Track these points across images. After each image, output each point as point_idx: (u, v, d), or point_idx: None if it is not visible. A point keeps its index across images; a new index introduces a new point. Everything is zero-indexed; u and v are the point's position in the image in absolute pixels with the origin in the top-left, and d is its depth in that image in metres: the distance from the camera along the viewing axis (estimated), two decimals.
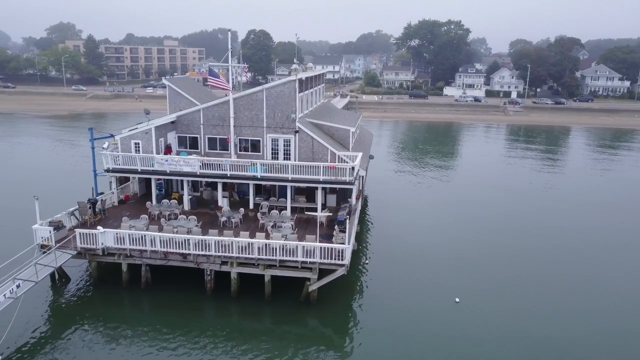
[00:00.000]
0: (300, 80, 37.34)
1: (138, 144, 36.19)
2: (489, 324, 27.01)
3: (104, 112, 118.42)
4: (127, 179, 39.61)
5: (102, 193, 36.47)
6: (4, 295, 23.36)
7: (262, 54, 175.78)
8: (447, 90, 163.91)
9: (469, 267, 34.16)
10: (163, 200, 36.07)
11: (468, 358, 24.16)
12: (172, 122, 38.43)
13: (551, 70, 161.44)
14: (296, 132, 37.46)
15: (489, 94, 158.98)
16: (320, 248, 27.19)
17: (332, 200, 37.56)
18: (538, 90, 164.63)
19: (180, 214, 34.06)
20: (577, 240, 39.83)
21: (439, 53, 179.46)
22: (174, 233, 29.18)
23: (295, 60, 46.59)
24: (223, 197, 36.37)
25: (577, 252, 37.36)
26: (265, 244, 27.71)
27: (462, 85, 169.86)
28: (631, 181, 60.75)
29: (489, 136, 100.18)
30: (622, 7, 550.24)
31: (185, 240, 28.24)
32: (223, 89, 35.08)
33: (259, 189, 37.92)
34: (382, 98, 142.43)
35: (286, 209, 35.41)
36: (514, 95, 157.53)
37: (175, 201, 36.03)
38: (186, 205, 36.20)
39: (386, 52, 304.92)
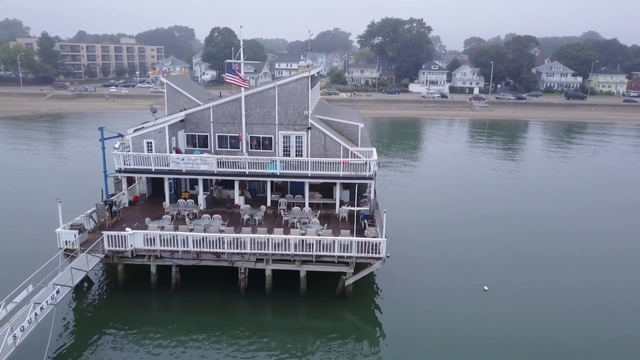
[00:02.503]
0: (312, 76, 37.49)
1: (150, 143, 35.35)
2: (517, 311, 28.14)
3: (69, 113, 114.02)
4: (133, 180, 38.58)
5: (113, 194, 35.39)
6: (47, 301, 22.49)
7: (227, 52, 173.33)
8: (412, 87, 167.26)
9: (490, 255, 35.41)
10: (179, 200, 35.39)
11: (502, 346, 25.07)
12: (181, 121, 37.69)
13: (510, 67, 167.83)
14: (308, 128, 37.55)
15: (452, 90, 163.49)
16: (357, 242, 27.53)
17: (346, 195, 37.86)
18: (498, 86, 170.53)
19: (200, 214, 33.61)
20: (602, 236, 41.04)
21: (402, 50, 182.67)
22: (204, 232, 28.74)
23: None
24: (242, 195, 36.07)
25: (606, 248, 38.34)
26: (302, 240, 27.78)
27: (425, 81, 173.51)
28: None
29: (467, 131, 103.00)
30: (564, 6, 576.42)
31: (218, 239, 27.91)
32: (241, 86, 34.72)
33: (271, 186, 37.74)
34: (353, 95, 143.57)
35: (303, 206, 35.48)
36: (476, 91, 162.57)
37: (192, 200, 35.41)
38: (202, 205, 35.65)
39: (346, 50, 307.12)
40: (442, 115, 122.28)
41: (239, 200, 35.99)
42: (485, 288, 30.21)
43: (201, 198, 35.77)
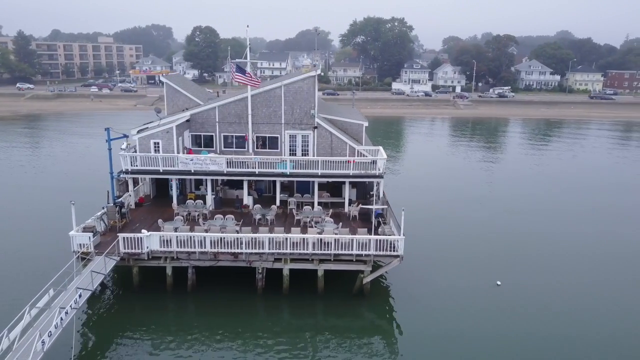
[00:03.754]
0: (318, 76, 37.52)
1: (158, 143, 34.92)
2: (532, 305, 28.71)
3: (51, 113, 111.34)
4: (136, 181, 38.04)
5: (119, 196, 34.87)
6: (70, 306, 22.08)
7: (209, 51, 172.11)
8: (395, 86, 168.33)
9: (497, 251, 36.02)
10: (188, 201, 35.05)
11: (518, 342, 25.44)
12: (187, 121, 37.31)
13: (490, 65, 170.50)
14: (315, 128, 37.59)
15: (434, 88, 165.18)
16: (376, 240, 27.71)
17: (353, 194, 37.99)
18: (479, 84, 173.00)
19: (210, 214, 33.38)
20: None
21: (384, 49, 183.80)
22: (221, 233, 28.54)
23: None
24: (249, 195, 35.93)
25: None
26: (320, 239, 27.84)
27: (408, 80, 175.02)
28: None
29: (455, 129, 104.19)
30: (536, 6, 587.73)
31: (236, 239, 27.76)
32: (251, 84, 34.57)
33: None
34: (337, 94, 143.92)
35: (312, 205, 35.50)
36: (457, 89, 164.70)
37: (201, 201, 35.12)
38: (211, 205, 35.35)
39: (326, 49, 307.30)
40: (427, 113, 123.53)
41: (247, 200, 35.83)
42: (498, 283, 30.76)
43: (209, 198, 35.48)
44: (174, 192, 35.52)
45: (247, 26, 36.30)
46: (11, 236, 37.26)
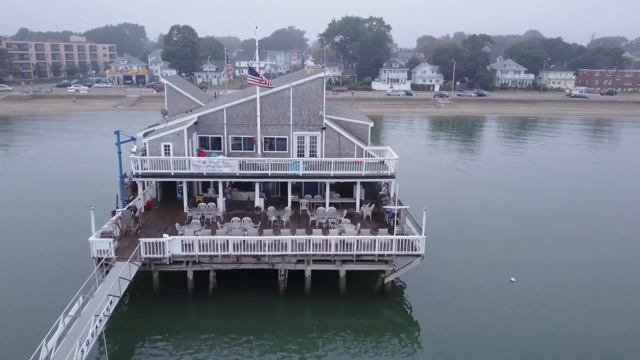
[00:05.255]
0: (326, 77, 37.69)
1: (168, 146, 34.52)
2: (546, 301, 29.56)
3: (26, 115, 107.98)
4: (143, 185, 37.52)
5: (130, 200, 34.36)
6: (103, 313, 21.77)
7: (187, 50, 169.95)
8: (375, 85, 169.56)
9: (505, 249, 36.82)
10: (200, 204, 34.76)
11: (537, 341, 26.03)
12: (195, 123, 36.99)
13: (467, 64, 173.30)
14: (323, 129, 37.77)
15: (413, 87, 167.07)
16: (397, 240, 28.08)
17: (362, 194, 38.26)
18: (457, 83, 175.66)
19: (224, 217, 33.22)
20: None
21: (363, 49, 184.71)
22: (244, 235, 28.48)
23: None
24: (260, 197, 35.87)
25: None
26: (342, 240, 28.07)
27: (387, 79, 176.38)
28: None
29: (442, 127, 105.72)
30: (506, 7, 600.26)
31: (258, 241, 27.75)
32: (264, 87, 34.54)
33: (285, 187, 37.64)
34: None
35: (323, 206, 35.66)
36: (436, 88, 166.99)
37: (213, 204, 34.90)
38: (222, 208, 35.16)
39: (302, 49, 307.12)
40: (408, 112, 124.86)
41: (259, 202, 35.77)
42: (513, 279, 31.52)
43: (221, 201, 35.28)
44: (185, 195, 35.19)
45: (256, 27, 36.30)
46: (16, 238, 36.49)
